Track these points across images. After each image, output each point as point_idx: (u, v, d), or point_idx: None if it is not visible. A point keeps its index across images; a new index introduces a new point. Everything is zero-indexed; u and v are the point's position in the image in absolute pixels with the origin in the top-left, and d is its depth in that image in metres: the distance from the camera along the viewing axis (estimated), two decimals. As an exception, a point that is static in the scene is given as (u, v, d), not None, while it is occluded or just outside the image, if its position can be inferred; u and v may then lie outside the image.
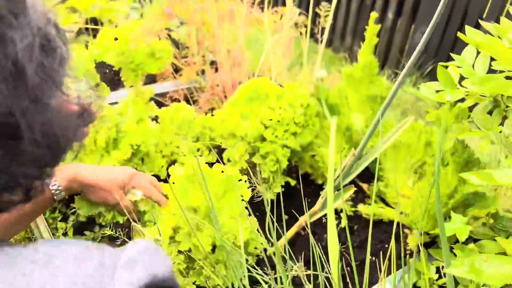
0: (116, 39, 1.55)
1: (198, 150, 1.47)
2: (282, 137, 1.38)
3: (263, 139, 1.43)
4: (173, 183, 1.04)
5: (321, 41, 1.85)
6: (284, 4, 1.92)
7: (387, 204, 1.60)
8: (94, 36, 2.50)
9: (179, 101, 1.93)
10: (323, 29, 1.87)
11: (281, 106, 1.40)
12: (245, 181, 1.16)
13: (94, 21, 2.51)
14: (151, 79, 2.06)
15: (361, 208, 1.56)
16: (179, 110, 1.45)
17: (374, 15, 1.46)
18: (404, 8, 3.11)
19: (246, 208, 1.10)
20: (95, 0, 2.14)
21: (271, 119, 1.37)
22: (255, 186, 1.31)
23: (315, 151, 1.67)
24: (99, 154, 1.25)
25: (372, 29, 1.48)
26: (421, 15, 3.01)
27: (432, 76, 3.07)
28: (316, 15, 1.87)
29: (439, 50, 2.98)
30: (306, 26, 1.94)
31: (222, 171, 1.09)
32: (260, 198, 1.34)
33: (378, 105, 1.61)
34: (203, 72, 2.02)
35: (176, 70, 1.96)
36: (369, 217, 1.53)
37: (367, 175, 1.84)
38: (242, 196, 1.07)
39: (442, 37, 2.94)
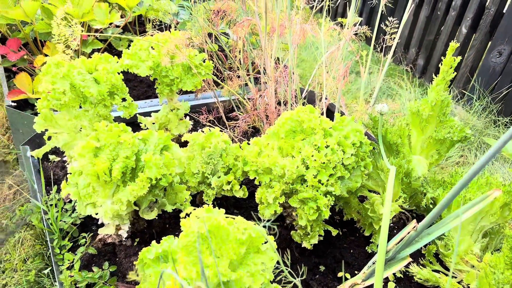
0: (152, 48, 1.39)
1: (228, 183, 1.29)
2: (327, 183, 1.17)
3: (303, 180, 1.22)
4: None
5: (384, 62, 1.59)
6: (343, 15, 1.68)
7: (445, 268, 1.35)
8: (140, 33, 2.38)
9: (214, 122, 1.76)
10: (387, 47, 1.61)
11: (328, 144, 1.18)
12: (273, 233, 0.97)
13: (140, 19, 2.38)
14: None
15: (414, 269, 1.32)
16: (211, 137, 1.28)
17: (454, 45, 1.19)
18: (481, 22, 2.75)
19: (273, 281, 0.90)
20: (141, -2, 2.00)
21: (315, 159, 1.16)
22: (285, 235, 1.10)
23: (363, 192, 1.44)
24: (113, 185, 1.10)
25: (449, 62, 1.21)
26: (501, 32, 2.64)
27: (507, 103, 2.70)
28: (378, 28, 1.61)
29: (518, 73, 2.60)
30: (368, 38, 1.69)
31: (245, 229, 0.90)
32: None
33: (447, 150, 1.34)
34: (246, 84, 1.84)
35: (218, 77, 1.79)
36: (422, 281, 1.28)
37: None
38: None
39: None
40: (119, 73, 1.32)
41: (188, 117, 1.64)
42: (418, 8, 3.23)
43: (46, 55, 1.76)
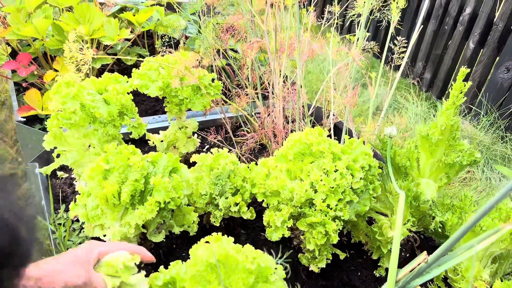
0: (162, 67, 1.40)
1: (236, 205, 1.29)
2: (335, 208, 1.16)
3: (311, 203, 1.22)
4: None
5: (392, 82, 1.59)
6: (350, 30, 1.68)
7: (453, 292, 1.34)
8: (149, 46, 2.39)
9: (222, 143, 1.76)
10: (397, 65, 1.61)
11: (337, 169, 1.18)
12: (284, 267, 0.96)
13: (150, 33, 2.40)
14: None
15: (421, 293, 1.31)
16: (219, 158, 1.28)
17: (465, 71, 1.19)
18: (489, 38, 2.74)
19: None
20: (151, 13, 2.02)
21: (324, 183, 1.16)
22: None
23: (371, 214, 1.43)
24: (122, 208, 1.10)
25: (459, 87, 1.21)
26: (509, 48, 2.64)
27: (515, 119, 2.68)
28: (383, 41, 1.61)
29: (527, 89, 2.59)
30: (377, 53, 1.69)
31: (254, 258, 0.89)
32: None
33: (456, 173, 1.33)
34: (254, 101, 1.84)
35: (226, 95, 1.80)
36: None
37: (429, 245, 1.57)
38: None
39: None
40: (128, 93, 1.33)
41: (196, 135, 1.65)
42: (425, 22, 3.24)
43: (55, 70, 1.77)
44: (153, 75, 1.34)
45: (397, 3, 1.33)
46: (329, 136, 1.53)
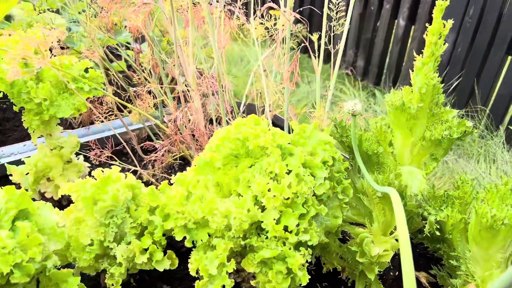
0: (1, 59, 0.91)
1: (145, 251, 0.82)
2: (297, 230, 0.74)
3: (260, 228, 0.79)
4: None
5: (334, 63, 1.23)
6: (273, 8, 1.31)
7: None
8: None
9: (125, 163, 1.29)
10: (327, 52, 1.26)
11: (290, 169, 0.77)
12: None
13: None
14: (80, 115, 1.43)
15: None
16: (107, 184, 0.81)
17: (443, 3, 0.85)
18: (420, 12, 2.55)
19: None
20: (11, 6, 1.50)
21: (274, 195, 0.74)
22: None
23: (344, 227, 1.03)
24: None
25: (438, 28, 0.86)
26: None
27: (459, 94, 2.48)
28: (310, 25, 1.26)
29: (465, 62, 2.40)
30: (305, 38, 1.33)
31: None
32: None
33: (444, 153, 0.98)
34: (163, 104, 1.39)
35: (123, 99, 1.33)
36: None
37: (428, 257, 1.18)
38: None
39: (471, 46, 2.36)
40: None
41: (82, 158, 1.15)
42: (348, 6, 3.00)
43: None
44: (-14, 70, 0.85)
45: None
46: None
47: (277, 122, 1.65)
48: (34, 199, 1.03)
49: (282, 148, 0.80)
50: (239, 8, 1.30)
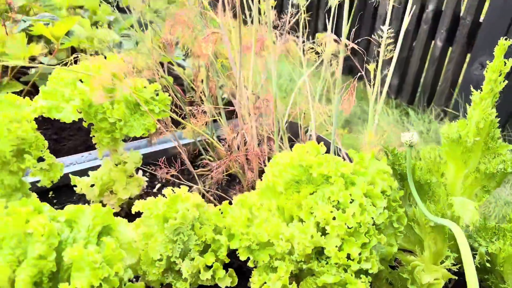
0: (81, 81, 0.98)
1: (209, 267, 0.87)
2: (359, 258, 0.78)
3: (319, 253, 0.83)
4: None
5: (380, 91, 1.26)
6: (316, 30, 1.35)
7: None
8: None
9: (178, 178, 1.34)
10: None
11: (353, 198, 0.81)
12: None
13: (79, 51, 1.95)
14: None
15: None
16: (176, 202, 0.86)
17: (506, 43, 0.87)
18: (458, 34, 2.55)
19: None
20: (72, 25, 1.59)
21: (338, 223, 0.78)
22: None
23: (397, 255, 1.05)
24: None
25: (498, 66, 0.89)
26: (480, 43, 2.45)
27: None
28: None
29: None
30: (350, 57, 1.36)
31: None
32: None
33: (496, 185, 1.00)
34: (214, 121, 1.45)
35: (178, 115, 1.39)
36: None
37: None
38: None
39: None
40: (29, 121, 0.90)
41: (141, 172, 1.22)
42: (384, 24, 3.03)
43: None
44: (67, 92, 0.92)
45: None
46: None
47: (322, 142, 1.69)
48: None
49: (344, 177, 0.84)
50: (289, 33, 1.35)
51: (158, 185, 1.37)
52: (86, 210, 0.74)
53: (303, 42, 1.34)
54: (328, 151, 1.34)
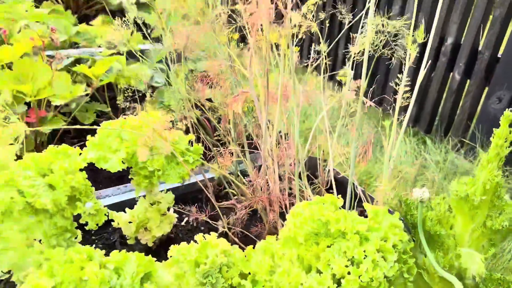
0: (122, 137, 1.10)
1: (234, 311, 0.97)
2: (371, 310, 0.87)
3: (335, 302, 0.92)
4: None
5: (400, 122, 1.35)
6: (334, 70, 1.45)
7: None
8: (110, 100, 2.09)
9: (202, 206, 1.45)
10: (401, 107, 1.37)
11: (366, 254, 0.90)
12: None
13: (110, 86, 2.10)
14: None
15: None
16: (206, 248, 0.97)
17: (510, 115, 0.96)
18: (476, 68, 2.61)
19: None
20: (111, 64, 1.73)
21: (353, 278, 0.87)
22: None
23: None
24: None
25: (504, 134, 0.97)
26: (498, 78, 2.50)
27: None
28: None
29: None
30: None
31: None
32: None
33: (502, 239, 1.08)
34: (239, 162, 1.55)
35: (206, 155, 1.50)
36: None
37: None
38: None
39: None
40: (82, 170, 1.02)
41: (172, 209, 1.33)
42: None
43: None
44: (114, 144, 1.04)
45: (414, 36, 1.10)
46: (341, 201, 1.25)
47: (338, 177, 1.78)
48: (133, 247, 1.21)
49: (359, 234, 0.93)
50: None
51: (185, 219, 1.48)
52: (131, 258, 0.85)
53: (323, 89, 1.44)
54: (345, 191, 1.44)
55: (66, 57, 1.82)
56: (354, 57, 1.30)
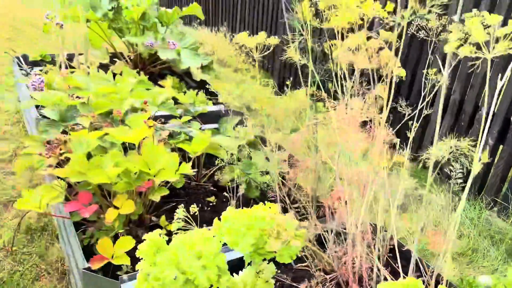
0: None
1: None
2: None
3: None
4: None
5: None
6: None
7: None
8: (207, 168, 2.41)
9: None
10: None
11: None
12: None
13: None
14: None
15: None
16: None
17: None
18: (509, 136, 2.89)
19: None
20: (207, 142, 2.07)
21: None
22: None
23: None
24: None
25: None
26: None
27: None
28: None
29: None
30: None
31: None
32: None
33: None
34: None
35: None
36: None
37: None
38: None
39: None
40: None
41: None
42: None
43: (116, 207, 1.77)
44: (242, 230, 1.35)
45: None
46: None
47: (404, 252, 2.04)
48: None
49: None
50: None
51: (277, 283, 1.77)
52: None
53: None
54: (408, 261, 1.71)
55: (161, 129, 2.17)
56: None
